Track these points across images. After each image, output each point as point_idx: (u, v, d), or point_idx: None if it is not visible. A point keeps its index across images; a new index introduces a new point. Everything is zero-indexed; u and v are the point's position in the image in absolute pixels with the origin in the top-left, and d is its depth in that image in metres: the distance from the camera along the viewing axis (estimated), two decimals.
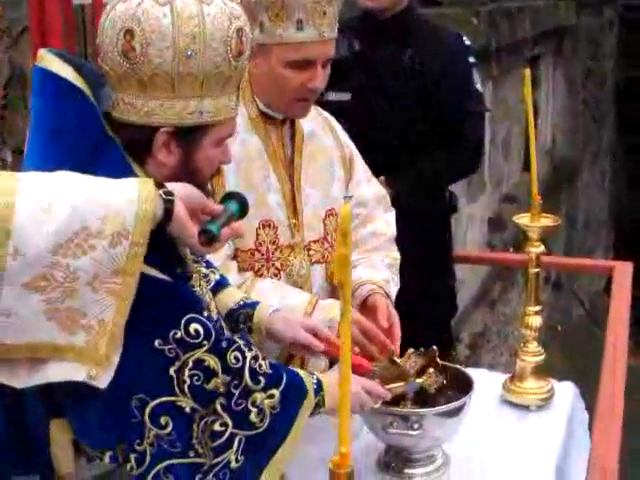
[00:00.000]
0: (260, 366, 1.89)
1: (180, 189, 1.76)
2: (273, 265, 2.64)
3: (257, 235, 2.61)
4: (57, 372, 1.70)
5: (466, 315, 7.35)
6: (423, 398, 2.39)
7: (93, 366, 1.69)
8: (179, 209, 1.72)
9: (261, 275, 2.63)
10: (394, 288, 2.81)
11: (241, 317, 2.36)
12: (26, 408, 1.82)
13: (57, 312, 1.64)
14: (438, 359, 2.43)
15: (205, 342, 1.79)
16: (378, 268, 2.79)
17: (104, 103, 1.87)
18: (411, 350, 2.41)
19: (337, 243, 1.36)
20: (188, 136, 1.86)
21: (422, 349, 2.41)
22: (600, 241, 13.82)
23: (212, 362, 1.80)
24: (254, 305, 2.38)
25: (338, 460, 1.35)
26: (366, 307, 2.65)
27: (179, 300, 1.81)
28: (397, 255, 2.92)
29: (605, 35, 13.39)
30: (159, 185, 1.71)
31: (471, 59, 3.88)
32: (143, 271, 1.70)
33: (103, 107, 1.87)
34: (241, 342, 1.89)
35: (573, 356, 8.89)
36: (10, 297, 1.59)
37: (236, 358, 1.85)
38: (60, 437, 1.81)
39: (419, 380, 2.37)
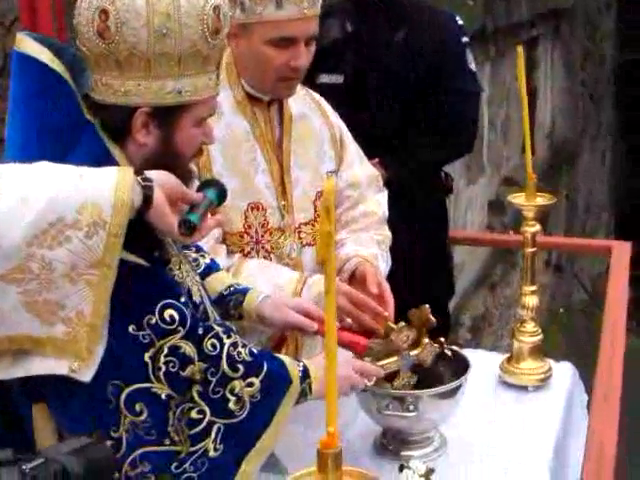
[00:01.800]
0: (239, 354, 1.87)
1: (159, 177, 1.74)
2: (263, 248, 2.62)
3: (245, 217, 2.59)
4: (39, 365, 1.69)
5: (467, 298, 7.33)
6: (421, 378, 2.37)
7: (74, 360, 1.68)
8: (158, 197, 1.71)
9: (252, 258, 2.61)
10: (383, 265, 2.77)
11: (231, 303, 2.33)
12: (11, 391, 1.80)
13: (35, 304, 1.63)
14: (446, 349, 2.41)
15: (180, 328, 1.78)
16: (366, 244, 2.76)
17: (85, 87, 1.86)
18: (402, 324, 2.37)
19: (320, 219, 1.34)
20: (167, 116, 1.85)
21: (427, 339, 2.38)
22: (601, 224, 13.80)
23: (188, 349, 1.78)
24: (244, 291, 2.35)
25: (326, 440, 1.32)
26: (355, 279, 2.62)
27: (154, 285, 1.79)
28: (388, 233, 2.90)
29: (603, 16, 13.34)
30: (138, 173, 1.69)
31: (464, 39, 3.87)
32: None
33: (84, 90, 1.85)
34: (219, 329, 1.88)
35: (575, 339, 8.87)
36: None
37: (213, 345, 1.83)
38: (42, 422, 1.80)
39: (413, 353, 2.34)
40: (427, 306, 2.37)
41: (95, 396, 1.73)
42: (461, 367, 2.41)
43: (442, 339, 2.41)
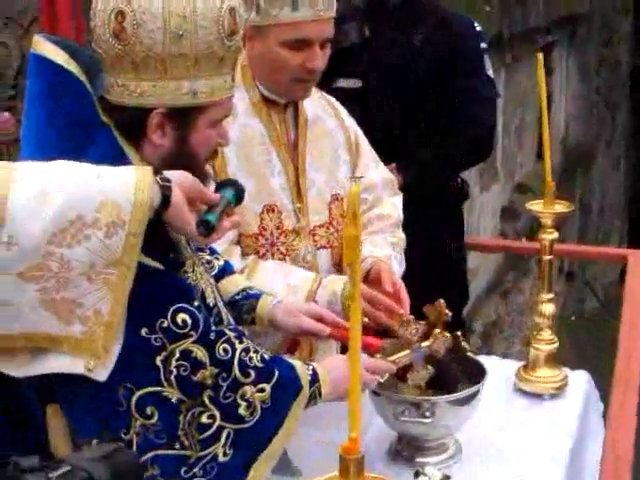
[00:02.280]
0: (251, 359, 1.87)
1: (178, 176, 1.74)
2: (278, 250, 2.62)
3: (261, 220, 2.59)
4: (56, 364, 1.69)
5: (479, 304, 7.32)
6: (437, 383, 2.36)
7: (91, 358, 1.68)
8: (177, 197, 1.70)
9: (266, 259, 2.61)
10: (397, 266, 2.77)
11: (244, 308, 2.33)
12: (23, 390, 1.80)
13: (53, 302, 1.63)
14: (463, 342, 2.40)
15: (192, 332, 1.77)
16: (381, 246, 2.77)
17: (101, 88, 1.87)
18: (409, 317, 2.37)
19: (346, 224, 1.34)
20: (182, 117, 1.85)
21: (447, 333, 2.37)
22: (614, 229, 13.76)
23: (200, 353, 1.78)
24: (257, 296, 2.35)
25: (348, 445, 1.32)
26: (370, 279, 2.62)
27: (168, 289, 1.79)
28: (402, 236, 2.90)
29: (619, 22, 13.31)
30: (156, 172, 1.69)
31: (483, 45, 3.86)
32: None
33: (100, 92, 1.86)
34: (231, 334, 1.87)
35: (587, 346, 8.84)
36: (5, 287, 1.58)
37: (225, 350, 1.83)
38: (56, 422, 1.80)
39: (425, 344, 2.33)
40: (442, 301, 2.36)
41: (106, 398, 1.72)
42: (476, 373, 2.40)
43: (458, 333, 2.41)
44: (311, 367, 2.01)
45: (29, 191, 1.57)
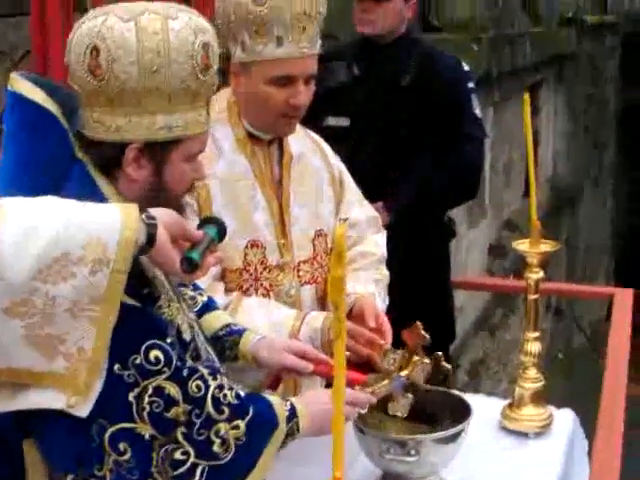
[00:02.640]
0: (225, 396, 1.85)
1: (162, 214, 1.75)
2: (262, 285, 2.63)
3: (245, 255, 2.60)
4: (37, 399, 1.68)
5: (466, 341, 7.33)
6: (419, 418, 2.36)
7: (72, 394, 1.67)
8: (161, 235, 1.71)
9: (250, 295, 2.62)
10: (380, 303, 2.77)
11: (227, 344, 2.33)
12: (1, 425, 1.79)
13: (37, 338, 1.62)
14: (444, 363, 2.38)
15: (165, 369, 1.76)
16: (364, 283, 2.77)
17: (78, 124, 1.88)
18: (387, 347, 2.37)
19: (332, 264, 1.35)
20: (158, 151, 1.86)
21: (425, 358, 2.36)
22: (602, 267, 13.80)
23: (172, 390, 1.76)
24: (240, 332, 2.35)
25: None
26: (353, 315, 2.61)
27: (141, 325, 1.78)
28: (386, 273, 2.90)
29: (606, 61, 13.43)
30: (141, 209, 1.69)
31: (470, 84, 3.89)
32: None
33: (76, 128, 1.88)
34: (205, 371, 1.86)
35: (573, 384, 8.85)
36: None
37: (198, 387, 1.81)
38: (33, 456, 1.79)
39: (404, 373, 2.32)
40: (419, 323, 2.34)
41: (80, 433, 1.71)
42: (462, 411, 2.40)
43: (439, 353, 2.37)
44: (289, 402, 2.00)
45: (16, 227, 1.57)
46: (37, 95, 1.85)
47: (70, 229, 1.60)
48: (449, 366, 2.36)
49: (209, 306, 2.39)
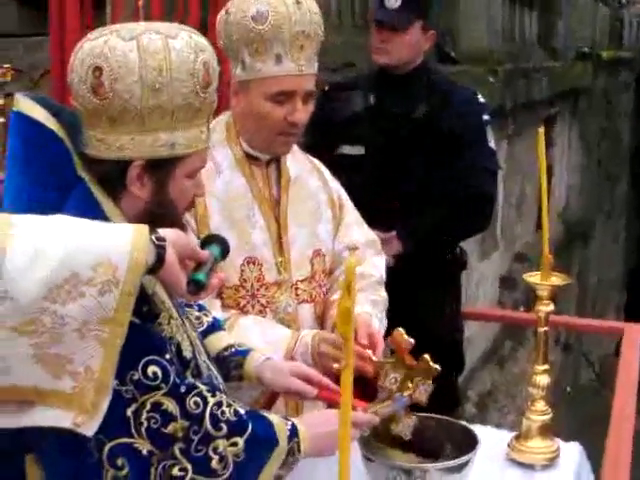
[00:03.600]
0: (223, 413, 1.86)
1: (171, 235, 1.76)
2: (258, 302, 2.65)
3: (241, 271, 2.63)
4: (44, 417, 1.69)
5: (474, 373, 7.31)
6: (426, 448, 2.37)
7: (79, 413, 1.68)
8: (170, 256, 1.73)
9: (247, 312, 2.64)
10: (378, 324, 2.76)
11: (232, 364, 2.35)
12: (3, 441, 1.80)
13: (45, 356, 1.63)
14: (432, 364, 2.32)
15: (163, 385, 1.77)
16: (361, 303, 2.75)
17: (82, 144, 1.90)
18: (386, 366, 2.34)
19: (341, 296, 1.35)
20: (161, 168, 1.88)
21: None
22: (612, 302, 13.76)
23: (170, 406, 1.78)
24: (245, 353, 2.36)
25: None
26: None
27: (139, 341, 1.78)
28: (384, 295, 2.90)
29: (621, 95, 13.45)
30: (151, 230, 1.71)
31: (485, 117, 3.89)
32: None
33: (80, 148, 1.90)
34: (203, 387, 1.87)
35: (581, 418, 8.82)
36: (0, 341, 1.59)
37: (196, 403, 1.82)
38: (33, 472, 1.80)
39: (406, 393, 2.31)
40: (400, 328, 2.34)
41: (78, 449, 1.72)
42: (469, 441, 2.40)
43: (426, 355, 2.33)
44: (290, 422, 2.00)
45: (26, 246, 1.58)
46: (40, 114, 1.87)
47: (80, 250, 1.62)
48: (437, 367, 2.33)
49: (214, 326, 2.42)
